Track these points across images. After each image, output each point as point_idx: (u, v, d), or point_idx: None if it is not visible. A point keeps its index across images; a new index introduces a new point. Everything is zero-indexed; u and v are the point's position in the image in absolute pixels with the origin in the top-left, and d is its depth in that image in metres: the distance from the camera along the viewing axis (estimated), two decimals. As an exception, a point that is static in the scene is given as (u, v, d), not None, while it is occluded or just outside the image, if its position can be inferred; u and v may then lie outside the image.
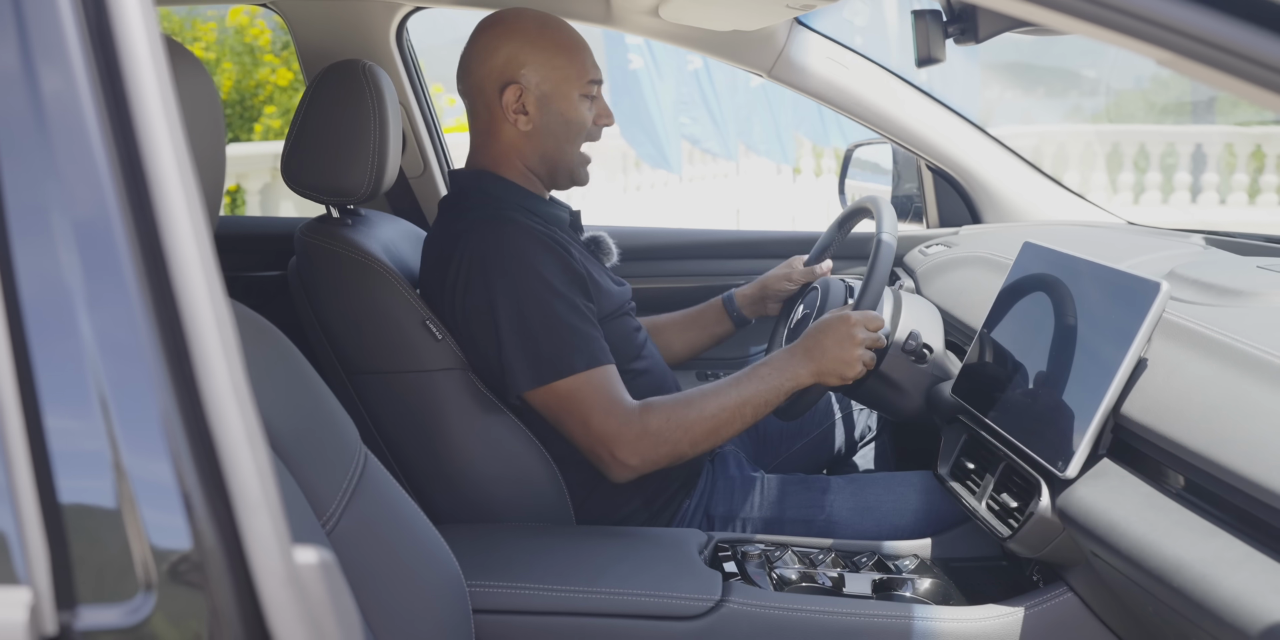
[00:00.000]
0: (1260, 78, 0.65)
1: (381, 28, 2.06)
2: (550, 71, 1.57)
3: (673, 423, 1.47)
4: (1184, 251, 1.66)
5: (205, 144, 0.94)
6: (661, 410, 1.48)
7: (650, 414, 1.48)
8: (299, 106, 1.57)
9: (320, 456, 1.10)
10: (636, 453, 1.47)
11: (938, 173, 2.19)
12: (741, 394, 1.50)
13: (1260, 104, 0.68)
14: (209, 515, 0.60)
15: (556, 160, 1.61)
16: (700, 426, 1.48)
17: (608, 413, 1.46)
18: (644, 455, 1.47)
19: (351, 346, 1.56)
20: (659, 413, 1.48)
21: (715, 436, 1.50)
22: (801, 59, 2.05)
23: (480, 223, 1.52)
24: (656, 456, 1.48)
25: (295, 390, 1.11)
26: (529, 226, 1.52)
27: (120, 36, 0.61)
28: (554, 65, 1.57)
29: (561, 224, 1.63)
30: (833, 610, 1.34)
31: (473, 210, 1.56)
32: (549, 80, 1.57)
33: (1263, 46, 0.64)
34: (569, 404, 1.48)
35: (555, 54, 1.57)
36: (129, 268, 0.60)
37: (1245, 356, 1.11)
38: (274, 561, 0.61)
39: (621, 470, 1.48)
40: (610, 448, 1.47)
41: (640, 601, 1.33)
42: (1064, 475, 1.21)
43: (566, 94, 1.58)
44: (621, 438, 1.46)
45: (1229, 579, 0.96)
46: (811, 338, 1.54)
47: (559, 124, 1.59)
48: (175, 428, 0.60)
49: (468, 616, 1.26)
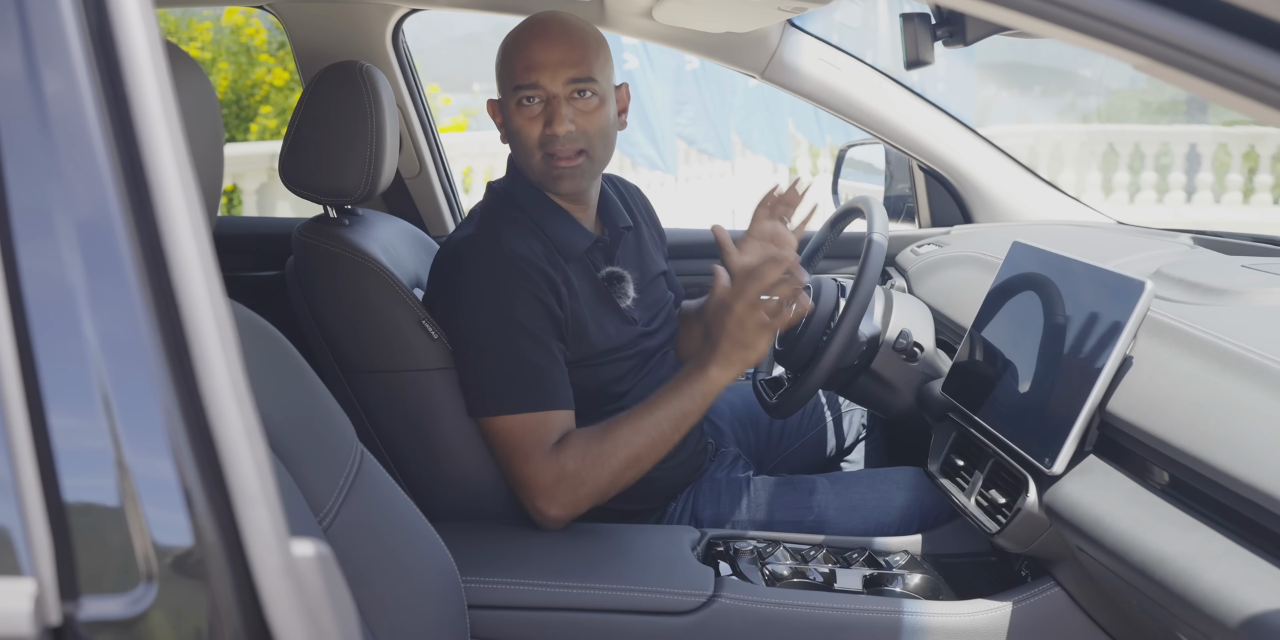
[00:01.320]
0: (1231, 82, 0.67)
1: (378, 29, 2.07)
2: (499, 80, 1.56)
3: (588, 460, 1.43)
4: (1171, 251, 1.67)
5: (204, 145, 0.95)
6: (577, 448, 1.44)
7: (565, 453, 1.44)
8: (296, 107, 1.58)
9: (317, 454, 1.11)
10: (555, 500, 1.44)
11: (929, 173, 2.21)
12: (655, 415, 1.45)
13: (1233, 108, 0.69)
14: (209, 509, 0.62)
15: (525, 172, 1.57)
16: (615, 460, 1.43)
17: (526, 459, 1.44)
18: (563, 502, 1.44)
19: (348, 346, 1.58)
20: (575, 451, 1.44)
21: (639, 464, 1.45)
22: (794, 60, 2.07)
23: (475, 239, 1.52)
24: (576, 499, 1.44)
25: (292, 389, 1.13)
26: (519, 253, 1.48)
27: (121, 39, 0.62)
28: (500, 73, 1.55)
29: (573, 250, 1.56)
30: (824, 605, 1.36)
31: (480, 221, 1.56)
32: (499, 89, 1.56)
33: (1233, 52, 0.65)
34: (497, 441, 1.48)
35: (501, 61, 1.54)
36: (130, 268, 0.62)
37: (1228, 355, 1.13)
38: (272, 555, 0.62)
39: (545, 521, 1.46)
40: (530, 497, 1.45)
41: (633, 597, 1.35)
42: (1051, 472, 1.23)
43: (505, 102, 1.54)
44: (538, 486, 1.44)
45: (1209, 572, 0.97)
46: (714, 342, 1.44)
47: (508, 135, 1.56)
48: (176, 425, 0.62)
49: (463, 612, 1.28)
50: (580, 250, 1.57)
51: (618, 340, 1.59)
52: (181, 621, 0.62)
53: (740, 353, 1.42)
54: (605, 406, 1.57)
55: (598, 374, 1.57)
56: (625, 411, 1.48)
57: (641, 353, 1.64)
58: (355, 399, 1.59)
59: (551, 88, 1.49)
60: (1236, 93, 0.68)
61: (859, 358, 1.66)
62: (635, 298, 1.65)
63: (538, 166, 1.53)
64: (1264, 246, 1.73)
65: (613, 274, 1.63)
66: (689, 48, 2.06)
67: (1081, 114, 14.26)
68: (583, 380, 1.54)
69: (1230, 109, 0.70)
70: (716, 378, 1.44)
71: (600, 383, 1.58)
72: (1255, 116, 0.69)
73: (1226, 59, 0.67)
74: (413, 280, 1.70)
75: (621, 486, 1.46)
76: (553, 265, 1.52)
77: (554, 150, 1.50)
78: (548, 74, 1.49)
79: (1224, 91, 0.69)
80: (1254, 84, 0.67)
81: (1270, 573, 0.94)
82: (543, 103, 1.50)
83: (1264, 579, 0.94)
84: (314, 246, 1.57)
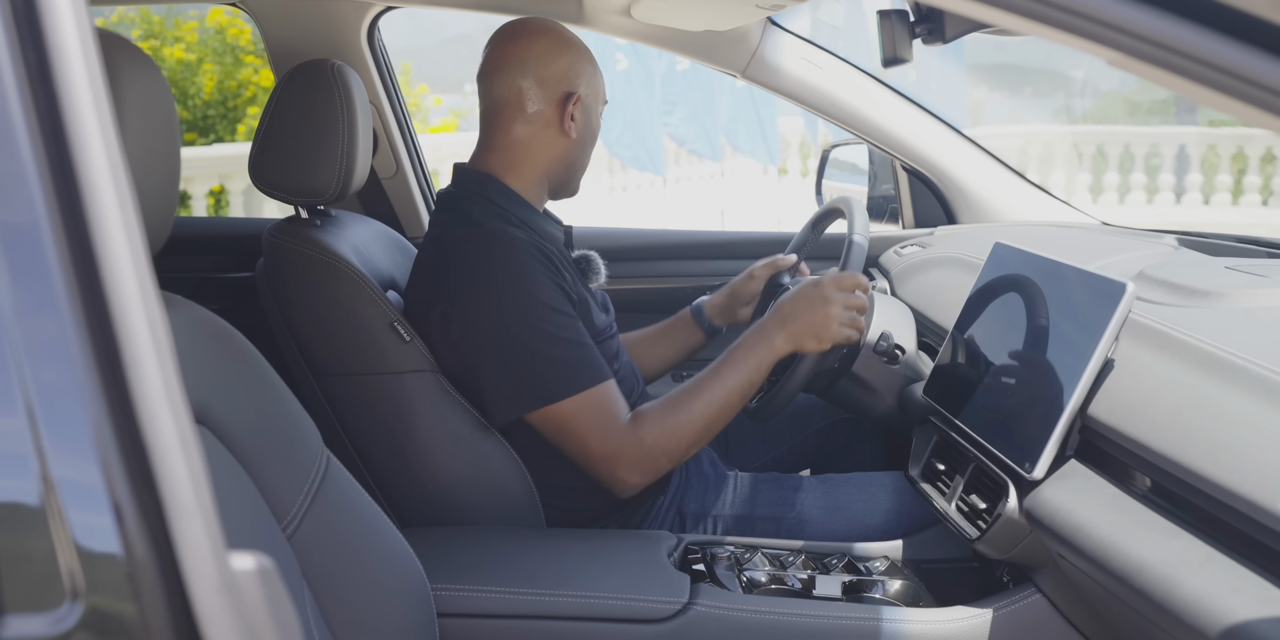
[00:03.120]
0: (1205, 77, 0.65)
1: (352, 27, 2.04)
2: (594, 86, 1.63)
3: (665, 432, 1.48)
4: (1155, 252, 1.66)
5: (156, 142, 0.92)
6: (653, 421, 1.49)
7: (643, 427, 1.48)
8: (266, 106, 1.56)
9: (280, 460, 1.09)
10: (637, 470, 1.48)
11: (913, 173, 2.19)
12: (725, 384, 1.51)
13: (1208, 104, 0.67)
14: (140, 522, 0.59)
15: (579, 169, 1.65)
16: (693, 429, 1.49)
17: (605, 434, 1.47)
18: (644, 470, 1.49)
19: (319, 348, 1.55)
20: (652, 425, 1.48)
21: (709, 433, 1.52)
22: (775, 59, 2.04)
23: (479, 233, 1.51)
24: (656, 468, 1.49)
25: (254, 393, 1.10)
26: (528, 242, 1.50)
27: (49, 27, 0.60)
28: (596, 80, 1.63)
29: (556, 241, 1.61)
30: (801, 612, 1.34)
31: (477, 214, 1.54)
32: (592, 94, 1.62)
33: (1207, 47, 0.63)
34: (570, 425, 1.47)
35: (596, 70, 1.63)
36: (57, 268, 0.59)
37: (1210, 358, 1.11)
38: (208, 569, 0.60)
39: (625, 488, 1.50)
40: (611, 469, 1.48)
41: (607, 604, 1.33)
42: (1031, 476, 1.21)
43: (597, 108, 1.65)
44: (621, 458, 1.47)
45: (1190, 580, 0.95)
46: (781, 305, 1.55)
47: (590, 135, 1.64)
48: (105, 433, 0.59)
49: (432, 620, 1.25)
50: (560, 241, 1.62)
51: (602, 323, 1.62)
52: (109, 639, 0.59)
53: (810, 340, 1.53)
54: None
55: (602, 350, 1.59)
56: (691, 382, 1.54)
57: (614, 335, 1.68)
58: (326, 403, 1.56)
59: None
60: (1211, 88, 0.66)
61: (839, 361, 1.64)
62: (606, 275, 1.72)
63: (584, 170, 1.66)
64: (1248, 248, 1.72)
65: (583, 257, 1.68)
66: (669, 46, 2.03)
67: (1072, 115, 14.30)
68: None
69: (1205, 105, 0.68)
70: (780, 349, 1.52)
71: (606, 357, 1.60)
72: (1230, 112, 0.67)
73: (1201, 54, 0.65)
74: (386, 282, 1.67)
75: (695, 452, 1.53)
76: (550, 252, 1.54)
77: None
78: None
79: (1198, 87, 0.66)
80: (1228, 79, 0.65)
81: (1251, 581, 0.92)
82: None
83: (1245, 587, 0.92)
84: (284, 247, 1.54)
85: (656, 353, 1.92)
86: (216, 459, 1.02)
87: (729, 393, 1.51)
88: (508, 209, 1.56)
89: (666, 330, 1.93)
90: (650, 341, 1.93)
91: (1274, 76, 0.64)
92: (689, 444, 1.50)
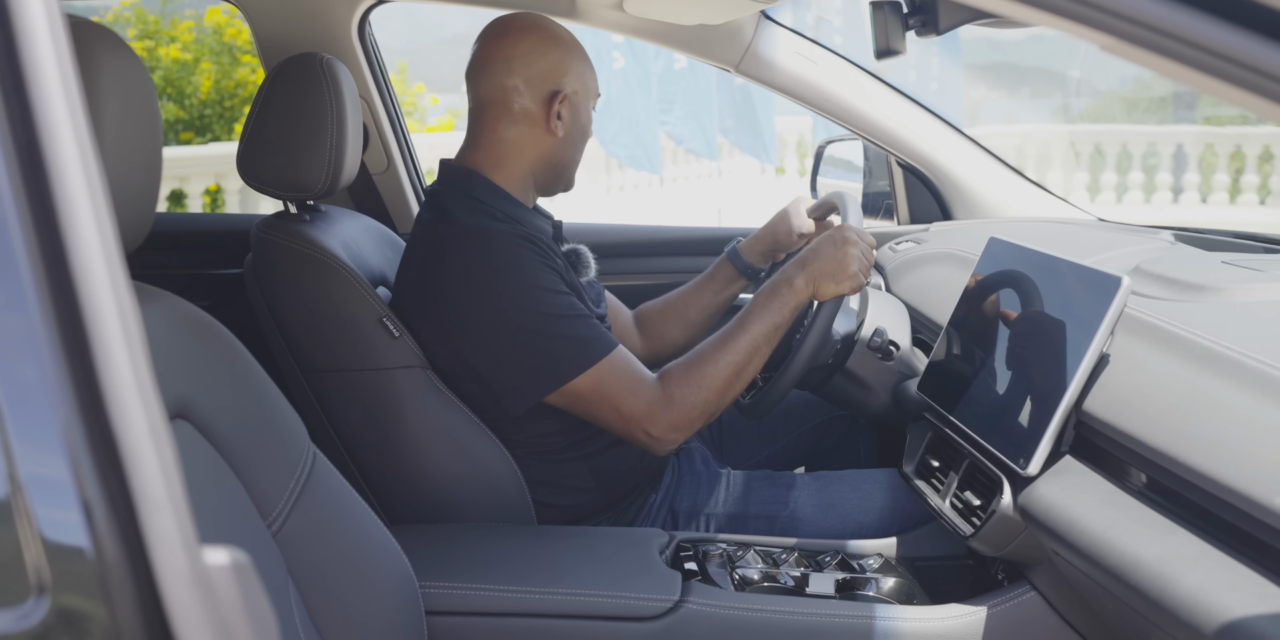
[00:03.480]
0: (1200, 62, 0.63)
1: (343, 21, 2.02)
2: (584, 82, 1.60)
3: (694, 385, 1.47)
4: (1151, 247, 1.64)
5: (135, 134, 0.91)
6: (680, 376, 1.48)
7: (671, 384, 1.47)
8: (254, 100, 1.54)
9: (265, 455, 1.08)
10: (672, 425, 1.47)
11: (908, 169, 2.18)
12: (750, 332, 1.50)
13: (1203, 90, 0.66)
14: (109, 516, 0.58)
15: (569, 166, 1.63)
16: (721, 379, 1.48)
17: (634, 395, 1.46)
18: (678, 425, 1.47)
19: (308, 344, 1.54)
20: (678, 380, 1.47)
21: (741, 380, 1.50)
22: (769, 54, 2.03)
23: (470, 229, 1.49)
24: (690, 421, 1.48)
25: (239, 388, 1.09)
26: (517, 234, 1.49)
27: (15, 14, 0.58)
28: (586, 76, 1.60)
29: (545, 235, 1.58)
30: (794, 610, 1.33)
31: (460, 212, 1.53)
32: (581, 90, 1.59)
33: (1200, 29, 0.62)
34: (595, 395, 1.47)
35: (586, 65, 1.61)
36: (24, 258, 0.58)
37: (1206, 352, 1.10)
38: (179, 562, 0.58)
39: (663, 445, 1.48)
40: (646, 428, 1.46)
41: (597, 602, 1.31)
42: (1025, 473, 1.20)
43: (587, 106, 1.62)
44: (654, 416, 1.46)
45: (1186, 577, 0.94)
46: (808, 249, 1.55)
47: (579, 132, 1.61)
48: (74, 426, 0.57)
49: (420, 618, 1.24)
50: (549, 236, 1.60)
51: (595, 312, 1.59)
52: (77, 636, 0.57)
53: (828, 282, 1.51)
54: None
55: None
56: (717, 334, 1.52)
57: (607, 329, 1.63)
58: (315, 399, 1.54)
59: None
60: (1206, 74, 0.65)
61: (833, 357, 1.63)
62: (596, 270, 1.69)
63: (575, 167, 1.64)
64: (1245, 243, 1.71)
65: (573, 251, 1.65)
66: (662, 40, 2.02)
67: (1069, 115, 14.30)
68: None
69: (1200, 91, 0.66)
70: (801, 291, 1.51)
71: None
72: (1226, 98, 0.66)
73: (1195, 38, 0.64)
74: (376, 278, 1.65)
75: (730, 402, 1.51)
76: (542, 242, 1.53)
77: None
78: None
79: (1193, 72, 0.65)
80: (1223, 64, 0.63)
81: (1248, 577, 0.91)
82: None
83: (1242, 584, 0.90)
84: (273, 242, 1.53)
85: (700, 304, 1.88)
86: (199, 454, 1.01)
87: (753, 338, 1.49)
88: (492, 205, 1.54)
89: (706, 280, 1.89)
90: (692, 294, 1.89)
91: (1271, 61, 0.63)
92: (719, 394, 1.48)
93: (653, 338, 1.90)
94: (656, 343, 1.89)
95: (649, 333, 1.90)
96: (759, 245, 1.86)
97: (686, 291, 1.90)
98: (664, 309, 1.91)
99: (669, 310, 1.90)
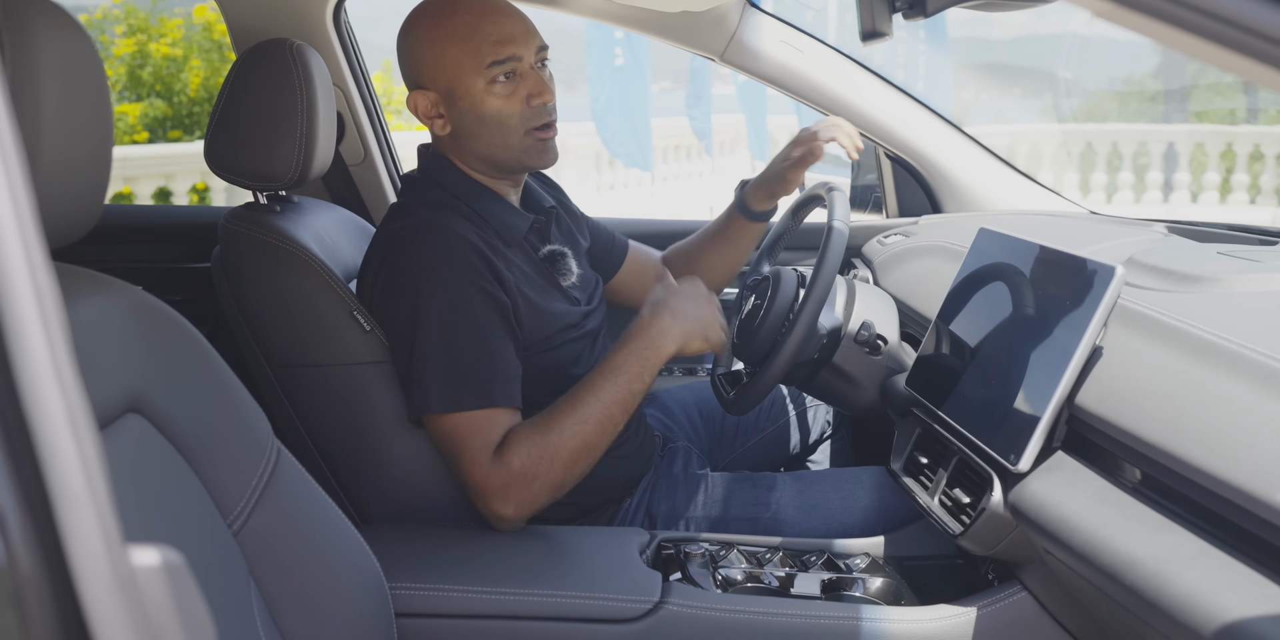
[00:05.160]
0: (1198, 26, 0.59)
1: (317, 8, 1.97)
2: (445, 66, 1.43)
3: (535, 455, 1.35)
4: (1145, 238, 1.61)
5: (80, 111, 0.87)
6: (522, 444, 1.36)
7: (512, 453, 1.35)
8: (222, 87, 1.50)
9: (226, 451, 1.04)
10: (508, 500, 1.35)
11: (897, 161, 2.14)
12: (600, 396, 1.38)
13: (1199, 57, 0.62)
14: (22, 514, 0.53)
15: (492, 156, 1.48)
16: (567, 449, 1.36)
17: (473, 461, 1.35)
18: (516, 500, 1.36)
19: (276, 338, 1.49)
20: (520, 448, 1.35)
21: (591, 453, 1.39)
22: (754, 42, 1.99)
23: (415, 224, 1.44)
24: (531, 496, 1.36)
25: (199, 382, 1.04)
26: (462, 240, 1.40)
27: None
28: (447, 58, 1.43)
29: (514, 234, 1.50)
30: (778, 612, 1.29)
31: (418, 204, 1.48)
32: (444, 77, 1.44)
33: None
34: (444, 440, 1.39)
35: (448, 46, 1.42)
36: None
37: (1202, 343, 1.06)
38: (100, 565, 0.54)
39: (500, 521, 1.38)
40: (481, 500, 1.37)
41: (574, 604, 1.27)
42: (1016, 469, 1.16)
43: (469, 87, 1.43)
44: (489, 489, 1.35)
45: (1182, 576, 0.90)
46: (663, 303, 1.43)
47: (473, 121, 1.45)
48: None
49: (390, 620, 1.20)
50: (521, 233, 1.52)
51: (567, 320, 1.53)
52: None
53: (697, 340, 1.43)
54: (563, 389, 1.49)
55: (556, 356, 1.51)
56: (565, 397, 1.41)
57: (590, 333, 1.59)
58: (284, 395, 1.50)
59: (528, 59, 1.44)
60: (1202, 37, 0.61)
61: (819, 351, 1.59)
62: (579, 274, 1.60)
63: (519, 144, 1.46)
64: (1240, 235, 1.67)
65: (553, 252, 1.58)
66: (645, 29, 1.97)
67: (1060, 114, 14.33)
68: (544, 364, 1.47)
69: (1197, 58, 0.63)
70: (667, 351, 1.41)
71: (560, 364, 1.52)
72: (1222, 66, 0.62)
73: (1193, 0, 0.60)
74: (349, 271, 1.61)
75: (578, 477, 1.39)
76: (494, 251, 1.45)
77: (543, 122, 1.46)
78: (522, 45, 1.44)
79: (1189, 36, 0.61)
80: (1221, 26, 0.59)
81: (1247, 576, 0.87)
82: (518, 77, 1.44)
83: (1240, 583, 0.87)
84: (240, 234, 1.48)
85: (721, 258, 1.81)
86: (154, 449, 0.96)
87: (607, 406, 1.38)
88: (459, 197, 1.48)
89: (719, 232, 1.81)
90: (708, 248, 1.82)
91: (1273, 23, 0.59)
92: (564, 468, 1.36)
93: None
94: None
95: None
96: (761, 191, 1.77)
97: (703, 244, 1.83)
98: (689, 261, 1.85)
99: (694, 263, 1.84)
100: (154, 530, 0.92)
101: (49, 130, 0.83)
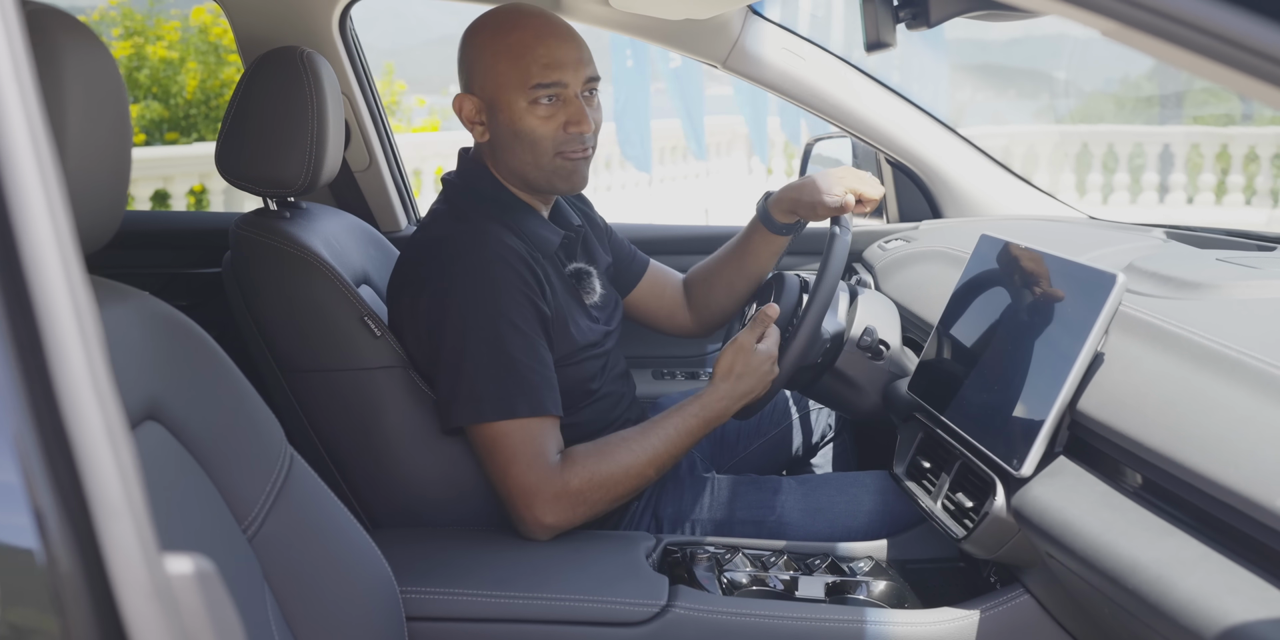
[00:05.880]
0: (1203, 46, 0.61)
1: (323, 15, 1.99)
2: (494, 78, 1.47)
3: (594, 482, 1.41)
4: (1144, 245, 1.63)
5: (102, 123, 0.88)
6: (583, 467, 1.41)
7: (571, 472, 1.40)
8: (233, 94, 1.51)
9: (241, 458, 1.05)
10: (554, 511, 1.39)
11: (897, 167, 2.16)
12: (667, 441, 1.47)
13: (1205, 76, 0.64)
14: (63, 525, 0.55)
15: (523, 172, 1.51)
16: (621, 487, 1.43)
17: (529, 467, 1.39)
18: (560, 515, 1.40)
19: (287, 344, 1.50)
20: (580, 470, 1.40)
21: (637, 489, 1.46)
22: (757, 49, 2.00)
23: (465, 230, 1.46)
24: (574, 516, 1.41)
25: (214, 389, 1.06)
26: (510, 250, 1.44)
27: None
28: (497, 71, 1.47)
29: (547, 248, 1.53)
30: (783, 615, 1.30)
31: (464, 209, 1.50)
32: (491, 88, 1.48)
33: (1205, 13, 0.60)
34: (495, 447, 1.40)
35: (500, 59, 1.47)
36: None
37: (1203, 350, 1.08)
38: (138, 574, 0.55)
39: (536, 529, 1.40)
40: (527, 503, 1.39)
41: (582, 607, 1.28)
42: (1019, 474, 1.17)
43: (510, 103, 1.47)
44: (540, 496, 1.38)
45: (1184, 580, 0.92)
46: (723, 373, 1.52)
47: (508, 135, 1.49)
48: (24, 428, 0.54)
49: (400, 623, 1.21)
50: (553, 248, 1.54)
51: (590, 337, 1.55)
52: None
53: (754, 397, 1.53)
54: (580, 404, 1.54)
55: (577, 372, 1.54)
56: (634, 431, 1.47)
57: (607, 351, 1.61)
58: (294, 400, 1.51)
59: (574, 86, 1.47)
60: (1207, 58, 0.62)
61: (822, 356, 1.61)
62: (601, 293, 1.62)
63: (548, 165, 1.50)
64: (1239, 240, 1.69)
65: (579, 270, 1.60)
66: (649, 36, 1.99)
67: (1056, 116, 14.35)
68: (562, 379, 1.49)
69: (1202, 77, 0.64)
70: (730, 412, 1.52)
71: (578, 381, 1.54)
72: (1227, 84, 0.64)
73: (1197, 20, 0.62)
74: (359, 276, 1.63)
75: (615, 505, 1.46)
76: (537, 263, 1.48)
77: (572, 149, 1.49)
78: (570, 72, 1.47)
79: (1195, 57, 0.63)
80: (1225, 47, 0.61)
81: (1248, 580, 0.89)
82: (560, 102, 1.47)
83: (1242, 587, 0.88)
84: (252, 240, 1.49)
85: (742, 273, 1.80)
86: (171, 456, 0.98)
87: (665, 452, 1.46)
88: (496, 205, 1.51)
89: (742, 245, 1.79)
90: (730, 263, 1.81)
91: (1274, 43, 0.60)
92: (613, 498, 1.43)
93: (699, 308, 1.86)
94: (704, 313, 1.85)
95: (696, 303, 1.86)
96: (783, 205, 1.73)
97: (727, 259, 1.82)
98: (708, 277, 1.84)
99: (714, 279, 1.83)
100: (173, 537, 0.94)
101: (71, 142, 0.84)
